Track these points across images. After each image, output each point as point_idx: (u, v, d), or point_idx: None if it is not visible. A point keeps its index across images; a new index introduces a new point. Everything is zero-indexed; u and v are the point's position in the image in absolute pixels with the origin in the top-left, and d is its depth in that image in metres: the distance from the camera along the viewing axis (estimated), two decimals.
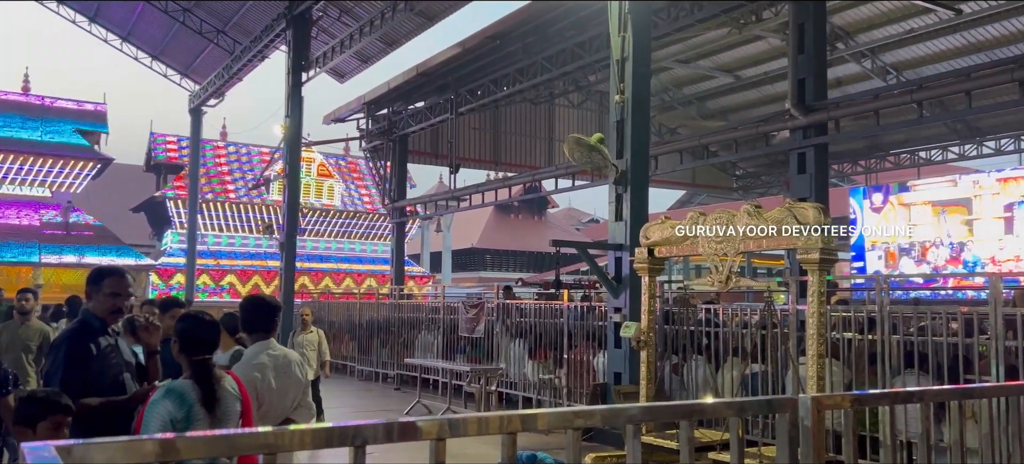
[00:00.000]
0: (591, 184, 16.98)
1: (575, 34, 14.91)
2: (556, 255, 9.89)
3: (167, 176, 30.61)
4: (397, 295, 17.37)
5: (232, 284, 28.85)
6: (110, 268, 4.08)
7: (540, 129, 23.58)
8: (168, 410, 3.19)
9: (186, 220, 26.70)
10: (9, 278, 24.54)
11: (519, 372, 11.25)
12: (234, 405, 3.49)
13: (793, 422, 2.61)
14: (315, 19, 19.21)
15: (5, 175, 27.40)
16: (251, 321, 3.93)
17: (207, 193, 29.08)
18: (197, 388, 3.30)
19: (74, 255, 26.10)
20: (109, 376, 3.78)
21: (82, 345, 3.77)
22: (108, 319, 3.89)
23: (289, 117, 18.44)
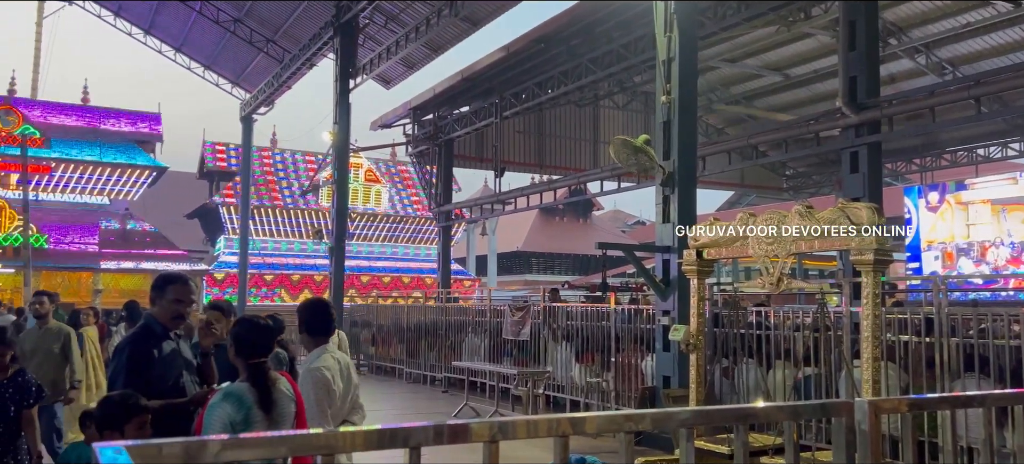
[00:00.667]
0: (637, 186, 16.87)
1: (620, 35, 14.85)
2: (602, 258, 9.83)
3: (219, 183, 31.33)
4: (444, 298, 17.49)
5: (284, 288, 29.38)
6: (174, 275, 4.19)
7: (585, 131, 23.51)
8: (227, 412, 3.27)
9: (238, 226, 27.28)
10: (70, 284, 25.43)
11: (566, 375, 11.23)
12: (289, 406, 3.56)
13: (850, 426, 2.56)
14: (362, 26, 19.48)
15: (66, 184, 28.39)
16: (312, 324, 4.00)
17: (258, 199, 29.69)
18: (254, 390, 3.38)
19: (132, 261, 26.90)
20: (170, 379, 3.89)
21: (144, 349, 3.89)
22: (170, 325, 4.00)
23: (337, 123, 18.72)
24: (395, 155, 32.14)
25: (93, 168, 28.38)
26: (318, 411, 3.68)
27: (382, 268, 32.08)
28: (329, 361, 3.88)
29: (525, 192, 19.97)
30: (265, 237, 30.17)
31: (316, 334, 3.97)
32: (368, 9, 18.37)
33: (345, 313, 19.02)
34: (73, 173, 28.22)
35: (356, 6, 18.00)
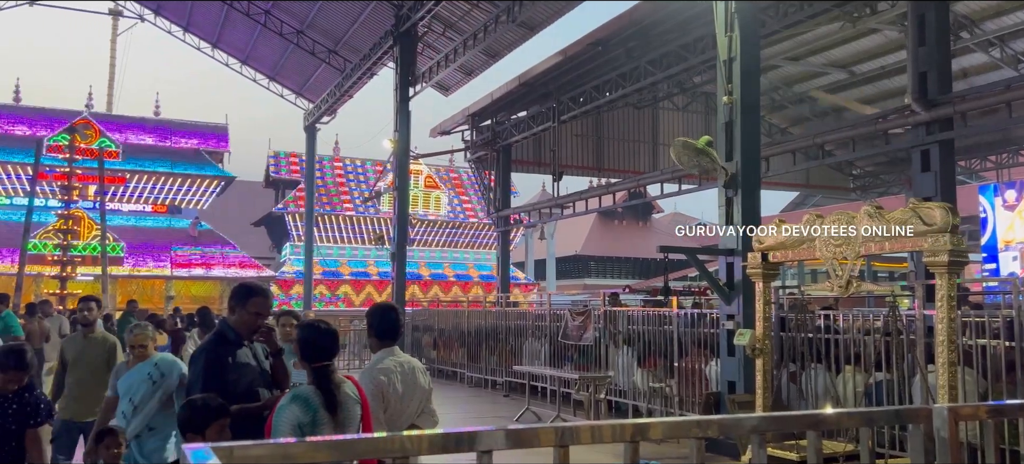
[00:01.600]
0: (698, 188, 16.65)
1: (679, 36, 14.69)
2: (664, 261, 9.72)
3: (285, 191, 32.13)
4: (503, 303, 17.55)
5: (346, 294, 29.94)
6: (257, 287, 4.29)
7: (644, 133, 23.31)
8: (295, 415, 3.35)
9: (303, 233, 27.90)
10: (144, 290, 26.39)
11: (628, 380, 11.14)
12: (355, 409, 3.63)
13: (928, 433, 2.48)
14: (421, 35, 19.73)
15: (140, 195, 29.51)
16: (380, 327, 4.06)
17: (322, 207, 30.32)
18: (319, 393, 3.45)
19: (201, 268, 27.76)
20: (243, 385, 3.99)
21: (219, 356, 4.00)
22: (246, 335, 4.11)
23: (397, 131, 19.00)
24: (453, 161, 32.45)
25: (165, 178, 29.47)
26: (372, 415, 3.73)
27: (442, 273, 32.38)
28: (390, 364, 3.93)
29: (583, 196, 19.90)
30: (329, 243, 30.79)
31: (383, 337, 4.03)
32: (427, 18, 18.60)
33: (407, 318, 19.28)
34: (146, 184, 29.35)
35: (415, 15, 18.25)
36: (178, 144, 30.42)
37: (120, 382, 5.21)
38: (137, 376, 5.14)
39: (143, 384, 5.07)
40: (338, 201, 31.81)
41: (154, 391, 5.06)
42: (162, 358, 5.28)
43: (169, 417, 4.98)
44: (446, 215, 33.04)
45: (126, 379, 5.19)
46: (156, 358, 5.26)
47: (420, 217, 31.68)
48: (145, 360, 5.21)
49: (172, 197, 29.93)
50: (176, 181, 29.65)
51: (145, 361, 5.20)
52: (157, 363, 5.17)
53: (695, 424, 2.37)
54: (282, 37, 23.81)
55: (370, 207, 30.78)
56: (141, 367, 5.18)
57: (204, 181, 30.08)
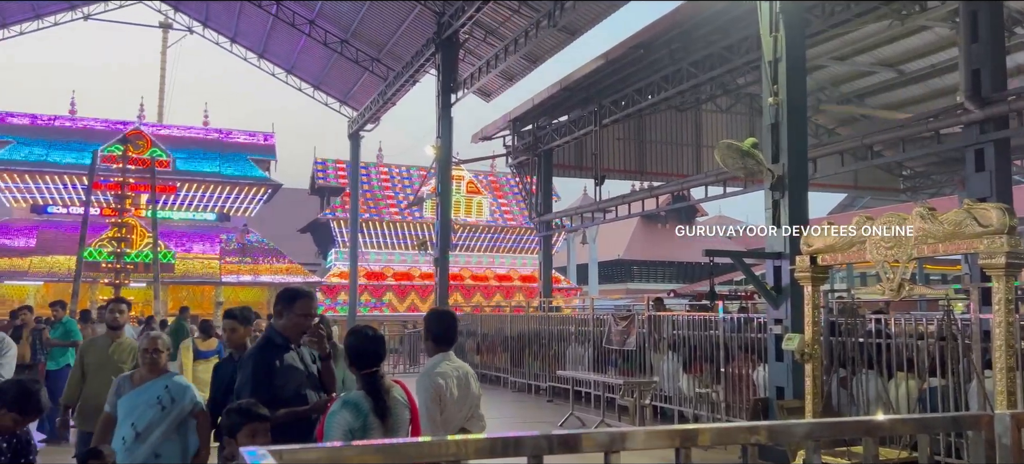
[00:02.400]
0: (743, 191, 16.44)
1: (722, 37, 14.54)
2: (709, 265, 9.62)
3: (330, 198, 32.58)
4: (546, 308, 17.54)
5: (391, 299, 30.21)
6: (301, 290, 4.38)
7: (687, 136, 23.11)
8: (347, 420, 3.40)
9: (348, 239, 28.25)
10: (194, 296, 26.98)
11: (674, 386, 11.04)
12: (404, 414, 3.67)
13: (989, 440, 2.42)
14: (462, 42, 19.86)
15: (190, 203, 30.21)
16: (437, 332, 4.09)
17: (366, 213, 30.67)
18: (369, 399, 3.50)
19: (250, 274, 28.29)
20: (291, 388, 4.06)
21: (267, 360, 4.08)
22: (294, 338, 4.18)
23: (440, 137, 19.14)
24: (495, 167, 32.57)
25: (214, 187, 30.13)
26: (427, 417, 3.76)
27: (484, 278, 32.49)
28: (447, 368, 3.97)
29: (626, 200, 19.79)
30: (373, 249, 31.14)
31: (440, 342, 4.07)
32: (468, 24, 18.71)
33: None
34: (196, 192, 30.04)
35: (457, 22, 18.38)
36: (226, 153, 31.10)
37: (122, 401, 4.52)
38: (144, 398, 4.47)
39: (150, 409, 4.43)
40: (382, 207, 32.15)
41: (163, 418, 4.44)
42: (174, 381, 4.64)
43: (178, 446, 4.48)
44: (488, 220, 33.16)
45: (130, 400, 4.50)
46: (167, 379, 4.60)
47: (462, 222, 31.84)
48: (156, 377, 4.58)
49: (221, 205, 30.58)
50: (225, 189, 30.30)
51: (155, 380, 4.56)
52: (168, 386, 4.54)
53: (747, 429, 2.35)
54: (326, 46, 24.18)
55: (413, 213, 31.04)
56: (150, 388, 4.52)
57: (252, 189, 30.68)
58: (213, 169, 30.36)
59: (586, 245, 36.04)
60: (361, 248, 28.94)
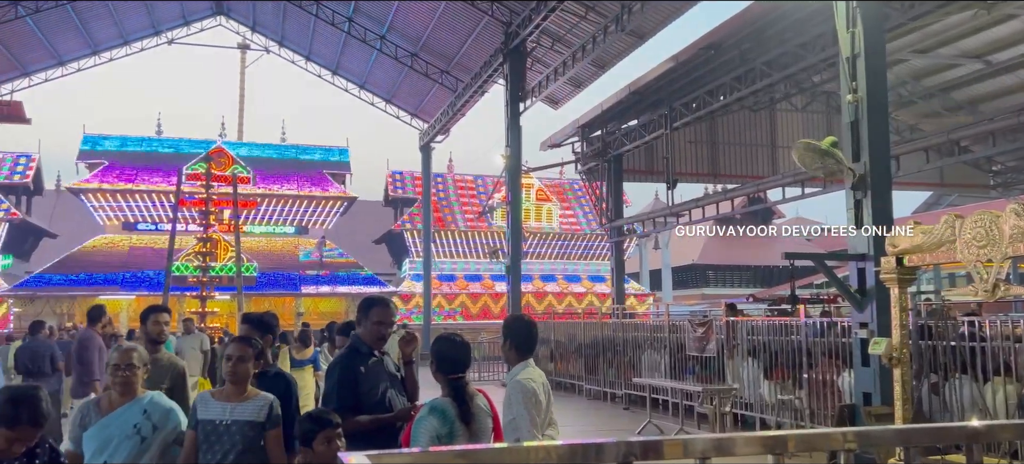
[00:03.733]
0: (822, 191, 15.98)
1: (795, 35, 14.19)
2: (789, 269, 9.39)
3: (403, 209, 33.17)
4: (619, 314, 17.40)
5: (464, 306, 30.50)
6: (377, 299, 4.49)
7: (761, 137, 22.60)
8: (433, 426, 3.47)
9: (421, 249, 28.67)
10: (276, 308, 27.77)
11: (754, 392, 10.80)
12: (487, 421, 3.71)
13: None
14: (529, 51, 19.97)
15: (270, 217, 31.21)
16: (521, 340, 4.13)
17: (439, 223, 31.09)
18: (454, 405, 3.56)
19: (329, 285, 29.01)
20: (376, 395, 4.16)
21: (352, 368, 4.19)
22: (375, 345, 4.29)
23: (509, 146, 19.27)
24: (564, 173, 32.56)
25: (292, 201, 31.08)
26: (528, 421, 3.78)
27: (555, 285, 32.46)
28: (534, 374, 4.01)
29: (699, 203, 19.47)
30: (445, 258, 31.52)
31: (523, 350, 4.10)
32: (535, 33, 18.80)
33: None
34: (276, 206, 31.04)
35: (524, 31, 18.49)
36: (303, 168, 32.03)
37: (88, 434, 3.68)
38: (118, 426, 3.65)
39: (127, 440, 3.65)
40: (453, 217, 32.53)
41: (143, 449, 3.70)
42: (154, 401, 3.82)
43: None
44: (558, 227, 33.15)
45: (100, 429, 3.67)
46: (145, 401, 3.78)
47: (533, 229, 31.92)
48: (131, 399, 3.74)
49: (299, 218, 31.51)
50: (303, 203, 31.22)
51: (130, 404, 3.73)
52: (147, 410, 3.74)
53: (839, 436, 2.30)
54: (397, 61, 24.66)
55: (484, 221, 31.30)
56: (124, 414, 3.69)
57: (328, 202, 31.51)
58: (291, 184, 31.33)
59: (659, 250, 35.63)
60: (434, 257, 29.33)
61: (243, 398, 3.88)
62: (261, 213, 30.95)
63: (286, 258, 30.22)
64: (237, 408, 3.84)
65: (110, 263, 28.25)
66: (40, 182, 31.76)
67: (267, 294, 28.05)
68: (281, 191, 30.98)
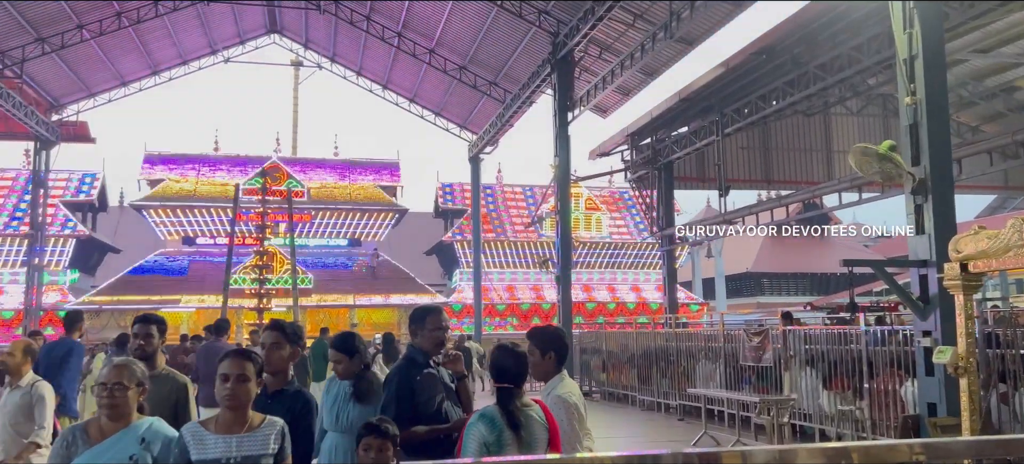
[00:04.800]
0: (881, 196, 15.59)
1: (849, 37, 13.90)
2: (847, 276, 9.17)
3: (453, 220, 33.42)
4: (672, 323, 17.22)
5: (514, 317, 30.53)
6: (430, 307, 4.54)
7: (815, 141, 22.18)
8: (482, 433, 3.49)
9: (471, 260, 28.83)
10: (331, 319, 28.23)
11: (813, 403, 10.57)
12: (540, 432, 3.71)
13: None
14: (577, 60, 19.96)
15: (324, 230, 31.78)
16: (559, 350, 4.14)
17: (488, 233, 31.23)
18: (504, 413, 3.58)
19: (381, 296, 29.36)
20: (433, 405, 4.21)
21: (409, 379, 4.24)
22: (433, 352, 4.34)
23: (557, 156, 19.26)
24: (613, 182, 32.42)
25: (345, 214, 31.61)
26: (574, 435, 3.79)
27: (606, 295, 32.28)
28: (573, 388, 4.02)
29: (752, 210, 19.18)
30: (495, 268, 31.63)
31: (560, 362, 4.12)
32: (583, 42, 18.79)
33: (574, 340, 19.36)
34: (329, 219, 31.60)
35: (571, 41, 18.49)
36: (356, 181, 32.55)
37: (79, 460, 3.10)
38: (112, 456, 3.09)
39: None
40: (503, 227, 32.65)
41: None
42: (153, 428, 3.23)
43: None
44: (608, 236, 32.99)
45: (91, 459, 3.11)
46: (143, 428, 3.19)
47: (582, 239, 31.82)
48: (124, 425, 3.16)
49: (352, 230, 32.01)
50: (355, 215, 31.73)
51: (124, 430, 3.15)
52: (145, 438, 3.16)
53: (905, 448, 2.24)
54: (445, 74, 24.89)
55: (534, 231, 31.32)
56: (118, 442, 3.12)
57: (380, 214, 31.95)
58: (344, 197, 31.86)
59: (711, 259, 35.16)
60: (484, 268, 29.45)
61: (248, 428, 3.19)
62: (315, 226, 31.54)
63: (340, 270, 30.70)
64: (244, 441, 3.15)
65: (171, 276, 29.08)
66: (104, 199, 32.90)
67: (322, 305, 28.52)
68: (334, 204, 31.52)
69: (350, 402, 4.34)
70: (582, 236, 31.86)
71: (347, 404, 4.35)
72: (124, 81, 26.42)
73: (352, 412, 4.30)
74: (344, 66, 29.23)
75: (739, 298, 40.14)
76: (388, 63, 26.99)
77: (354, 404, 4.32)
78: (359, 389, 4.36)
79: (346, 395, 4.39)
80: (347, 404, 4.35)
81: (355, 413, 4.27)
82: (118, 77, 26.02)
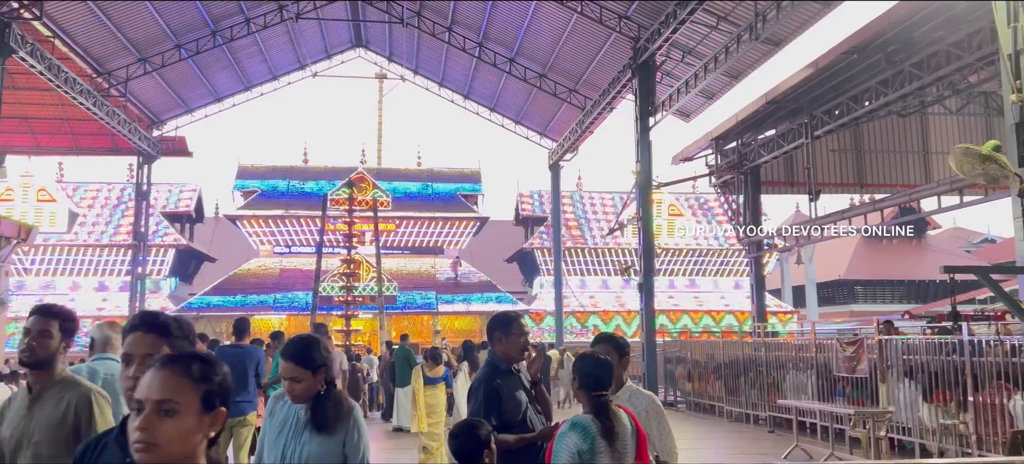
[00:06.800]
0: (984, 199, 14.80)
1: (947, 34, 13.26)
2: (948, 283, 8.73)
3: (533, 228, 33.50)
4: (760, 332, 16.76)
5: (595, 324, 30.35)
6: (513, 313, 4.54)
7: (911, 143, 21.23)
8: (575, 442, 3.47)
9: (552, 267, 28.82)
10: (414, 325, 28.72)
11: (913, 416, 10.09)
12: (631, 441, 3.67)
13: None
14: (659, 64, 19.71)
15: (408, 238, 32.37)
16: (624, 358, 4.10)
17: (568, 241, 31.16)
18: (597, 422, 3.55)
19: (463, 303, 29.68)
20: (519, 414, 4.20)
21: (495, 387, 4.25)
22: (516, 359, 4.33)
23: (639, 161, 19.05)
24: (696, 187, 31.83)
25: (428, 223, 32.14)
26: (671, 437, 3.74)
27: (690, 302, 31.71)
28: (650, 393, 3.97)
29: (845, 215, 18.50)
30: (576, 276, 31.53)
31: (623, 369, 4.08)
32: (664, 46, 18.55)
33: (658, 349, 19.07)
34: (413, 228, 32.20)
35: (653, 45, 18.29)
36: (438, 190, 33.07)
37: None
38: None
39: None
40: (583, 234, 32.52)
41: None
42: None
43: None
44: (691, 243, 32.42)
45: None
46: None
47: (665, 246, 31.36)
48: None
49: (435, 239, 32.50)
50: (438, 224, 32.21)
51: None
52: None
53: None
54: (525, 82, 25.01)
55: (615, 238, 31.07)
56: None
57: (462, 223, 32.33)
58: (427, 204, 32.43)
59: (801, 265, 34.08)
60: (565, 275, 29.38)
61: None
62: (399, 234, 32.17)
63: (423, 277, 31.20)
64: None
65: (263, 285, 30.18)
66: (201, 210, 34.44)
67: (406, 312, 29.04)
68: (417, 213, 32.11)
69: (305, 432, 3.13)
70: (665, 243, 31.40)
71: (300, 435, 3.14)
72: (219, 97, 27.59)
73: (308, 446, 3.10)
74: (426, 77, 29.74)
75: (831, 306, 38.71)
76: (469, 73, 27.31)
77: (310, 435, 3.11)
78: (319, 415, 3.12)
79: (299, 423, 3.16)
80: (300, 435, 3.14)
81: (313, 449, 3.09)
82: (213, 93, 27.20)
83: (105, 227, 30.87)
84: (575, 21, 20.94)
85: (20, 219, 22.12)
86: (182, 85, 25.50)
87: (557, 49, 22.95)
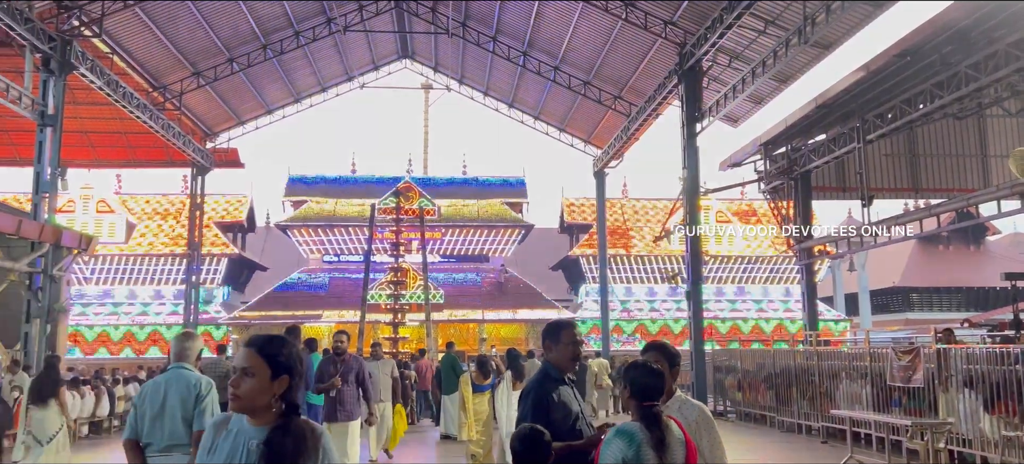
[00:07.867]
0: None
1: (1006, 33, 12.85)
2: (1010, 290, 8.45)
3: (578, 235, 33.40)
4: (812, 341, 16.42)
5: (641, 332, 30.10)
6: (564, 321, 4.55)
7: (969, 146, 20.63)
8: (620, 449, 3.46)
9: (597, 274, 28.68)
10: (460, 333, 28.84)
11: (973, 428, 9.78)
12: (681, 451, 3.63)
13: None
14: (705, 70, 19.51)
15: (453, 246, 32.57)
16: (675, 368, 4.07)
17: (614, 248, 30.99)
18: (645, 431, 3.52)
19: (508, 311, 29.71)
20: (569, 422, 4.19)
21: (545, 395, 4.25)
22: (568, 367, 4.33)
23: (686, 168, 18.87)
24: (744, 194, 31.40)
25: (474, 231, 32.31)
26: (722, 450, 3.71)
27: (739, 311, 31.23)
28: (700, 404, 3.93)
29: (899, 220, 18.02)
30: (622, 283, 31.33)
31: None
32: (711, 52, 18.36)
33: (707, 358, 18.82)
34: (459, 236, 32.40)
35: (699, 51, 18.12)
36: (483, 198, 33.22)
37: None
38: None
39: None
40: (629, 241, 32.30)
41: None
42: None
43: None
44: (740, 250, 31.96)
45: None
46: None
47: (713, 253, 30.97)
48: None
49: (480, 247, 32.64)
50: (483, 232, 32.34)
51: None
52: None
53: None
54: (570, 90, 24.99)
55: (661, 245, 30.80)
56: None
57: (507, 231, 32.40)
58: (472, 214, 32.57)
59: (854, 273, 33.32)
60: (610, 282, 29.21)
61: None
62: (445, 243, 32.38)
63: (469, 285, 31.34)
64: None
65: (313, 292, 30.65)
66: (252, 220, 35.13)
67: (453, 320, 29.19)
68: (463, 221, 32.28)
69: None
70: (713, 250, 31.01)
71: None
72: (269, 109, 28.16)
73: None
74: (471, 86, 29.94)
75: (885, 314, 37.75)
76: (513, 81, 27.40)
77: None
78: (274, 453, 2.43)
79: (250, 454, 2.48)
80: None
81: None
82: (264, 105, 27.77)
83: (160, 236, 31.73)
84: (620, 28, 20.87)
85: (81, 230, 22.85)
86: (234, 97, 26.10)
87: (602, 56, 22.89)
